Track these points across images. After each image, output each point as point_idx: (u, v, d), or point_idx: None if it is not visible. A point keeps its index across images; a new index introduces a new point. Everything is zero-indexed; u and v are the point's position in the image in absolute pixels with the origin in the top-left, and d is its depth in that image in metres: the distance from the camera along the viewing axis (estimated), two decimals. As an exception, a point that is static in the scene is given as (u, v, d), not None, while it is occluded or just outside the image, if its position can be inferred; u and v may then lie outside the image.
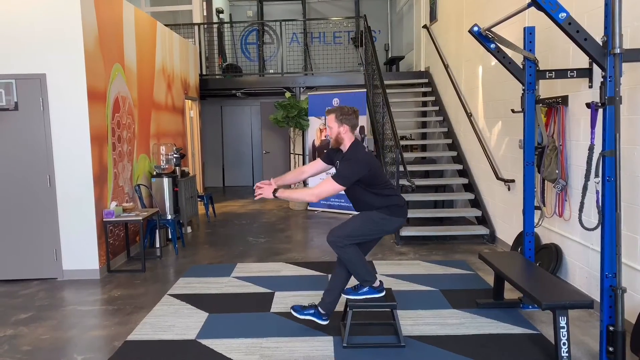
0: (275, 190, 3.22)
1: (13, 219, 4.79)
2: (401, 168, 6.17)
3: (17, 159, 4.74)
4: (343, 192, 3.33)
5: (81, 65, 4.68)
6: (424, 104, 8.92)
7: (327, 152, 3.52)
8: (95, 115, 4.85)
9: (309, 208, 8.54)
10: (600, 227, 2.94)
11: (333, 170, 3.43)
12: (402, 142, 7.78)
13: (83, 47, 4.66)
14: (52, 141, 4.75)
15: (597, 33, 2.98)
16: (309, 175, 3.60)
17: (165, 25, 7.43)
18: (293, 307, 3.60)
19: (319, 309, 3.49)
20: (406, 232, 6.09)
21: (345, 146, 3.34)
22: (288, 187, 3.80)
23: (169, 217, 6.02)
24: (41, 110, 4.72)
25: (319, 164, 3.54)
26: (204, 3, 10.26)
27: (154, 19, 6.74)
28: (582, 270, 4.10)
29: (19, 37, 4.64)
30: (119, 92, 5.39)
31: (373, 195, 3.28)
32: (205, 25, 10.17)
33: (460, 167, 7.11)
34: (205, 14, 10.28)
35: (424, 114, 8.91)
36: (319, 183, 3.27)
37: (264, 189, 3.25)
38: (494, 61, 5.78)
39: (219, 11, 10.83)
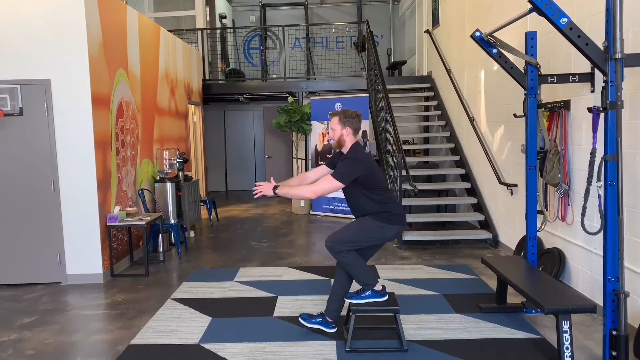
0: (275, 188, 3.28)
1: (17, 223, 4.81)
2: (404, 172, 6.18)
3: (21, 164, 4.77)
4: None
5: (85, 70, 4.72)
6: (427, 108, 8.94)
7: (331, 157, 3.59)
8: (99, 120, 4.89)
9: (311, 212, 8.55)
10: (602, 231, 2.94)
11: None
12: (405, 147, 7.79)
13: (87, 53, 4.70)
14: (56, 146, 4.78)
15: (598, 38, 2.99)
16: (312, 181, 3.61)
17: (169, 30, 7.48)
18: (301, 316, 3.63)
19: (326, 317, 3.52)
20: (409, 236, 6.09)
21: (346, 148, 3.40)
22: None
23: (172, 221, 6.04)
24: (45, 115, 4.75)
25: (322, 169, 3.57)
26: (207, 8, 10.32)
27: (157, 24, 6.79)
28: (585, 275, 4.10)
29: (24, 43, 4.68)
30: (122, 97, 5.43)
31: (369, 201, 3.29)
32: (209, 31, 10.22)
33: (462, 171, 7.11)
34: (208, 19, 10.34)
35: (427, 118, 8.92)
36: (318, 181, 3.32)
37: (264, 186, 3.31)
38: (496, 66, 5.80)
39: (222, 16, 10.89)
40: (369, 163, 3.29)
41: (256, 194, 3.31)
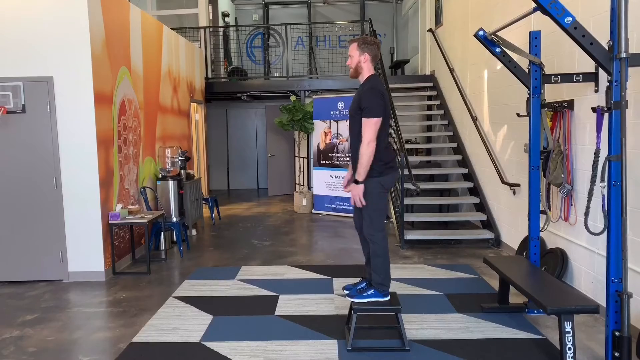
0: (356, 182, 3.27)
1: (20, 220, 4.82)
2: (406, 172, 6.17)
3: (24, 161, 4.78)
4: (348, 195, 3.35)
5: (88, 68, 4.72)
6: (429, 107, 8.92)
7: (351, 103, 3.48)
8: (101, 118, 4.89)
9: (313, 211, 8.55)
10: (606, 231, 2.93)
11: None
12: (407, 146, 7.78)
13: (90, 51, 4.70)
14: (58, 143, 4.78)
15: (603, 37, 2.97)
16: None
17: (172, 28, 7.47)
18: (345, 289, 3.56)
19: (377, 290, 3.37)
20: (411, 235, 6.08)
21: (363, 77, 3.34)
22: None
23: (174, 219, 6.04)
24: (48, 112, 4.75)
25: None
26: (210, 7, 10.32)
27: (160, 22, 6.78)
28: (587, 275, 4.08)
29: (27, 41, 4.68)
30: (125, 95, 5.43)
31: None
32: (211, 29, 10.21)
33: (465, 170, 7.09)
34: (211, 17, 10.34)
35: (429, 117, 8.91)
36: (362, 134, 3.24)
37: (353, 191, 3.28)
38: (499, 65, 5.78)
39: (225, 15, 10.88)
40: (385, 93, 3.26)
41: (359, 202, 3.28)
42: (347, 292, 3.51)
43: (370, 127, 3.19)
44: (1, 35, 4.67)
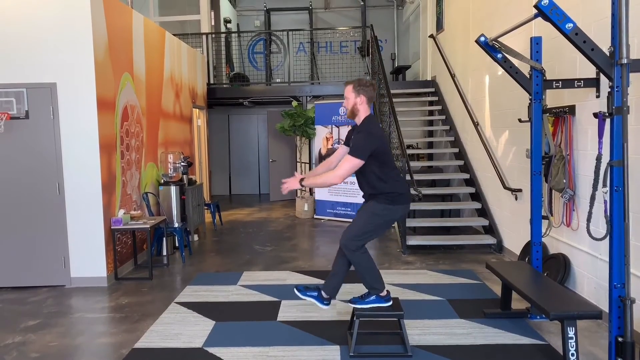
0: (301, 180, 3.30)
1: (22, 226, 4.83)
2: (408, 177, 6.17)
3: (27, 167, 4.79)
4: (350, 201, 3.36)
5: (91, 74, 4.74)
6: (431, 113, 8.93)
7: (348, 134, 3.53)
8: (104, 123, 4.91)
9: (315, 217, 8.55)
10: (608, 237, 2.93)
11: None
12: (409, 151, 7.78)
13: (93, 57, 4.73)
14: (61, 149, 4.80)
15: (604, 43, 2.98)
16: (336, 165, 3.53)
17: (174, 34, 7.51)
18: (297, 287, 3.58)
19: (322, 292, 3.48)
20: (413, 241, 6.07)
21: (359, 118, 3.37)
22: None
23: (176, 225, 6.05)
24: (51, 118, 4.78)
25: (343, 149, 3.53)
26: (212, 13, 10.36)
27: (162, 28, 6.81)
28: (590, 281, 4.07)
29: (31, 47, 4.71)
30: (127, 101, 5.45)
31: (378, 179, 3.27)
32: (213, 35, 10.26)
33: (467, 176, 7.10)
34: (213, 23, 10.38)
35: (431, 123, 8.92)
36: (338, 165, 3.28)
37: (290, 181, 3.32)
38: (500, 71, 5.80)
39: (227, 21, 10.93)
40: (382, 136, 3.29)
41: (284, 189, 3.32)
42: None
43: (348, 163, 3.18)
44: (4, 42, 4.71)
